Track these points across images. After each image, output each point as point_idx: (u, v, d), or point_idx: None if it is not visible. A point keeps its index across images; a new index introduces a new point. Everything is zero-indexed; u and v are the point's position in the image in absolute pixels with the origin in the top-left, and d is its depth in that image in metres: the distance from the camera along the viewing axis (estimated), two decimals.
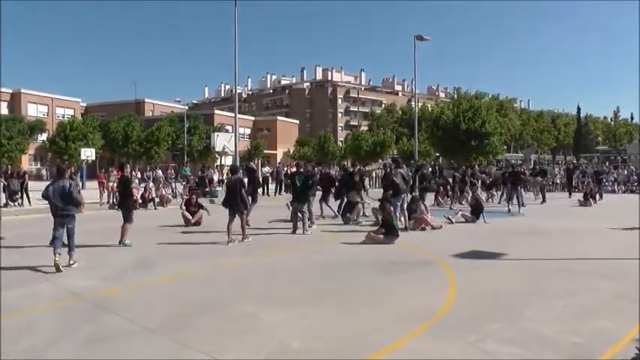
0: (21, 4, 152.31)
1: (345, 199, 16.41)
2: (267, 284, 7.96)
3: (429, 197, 19.85)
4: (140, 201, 21.64)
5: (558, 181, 34.00)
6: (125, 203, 12.09)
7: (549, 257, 9.92)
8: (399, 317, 6.08)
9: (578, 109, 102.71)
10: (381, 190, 15.71)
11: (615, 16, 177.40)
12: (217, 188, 27.46)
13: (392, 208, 12.80)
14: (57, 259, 8.91)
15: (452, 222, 15.41)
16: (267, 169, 32.82)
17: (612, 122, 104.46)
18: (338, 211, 16.70)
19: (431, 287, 7.62)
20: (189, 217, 15.53)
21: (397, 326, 5.73)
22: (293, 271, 9.07)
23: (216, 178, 29.30)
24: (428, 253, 10.37)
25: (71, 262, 9.36)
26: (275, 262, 10.10)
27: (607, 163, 51.98)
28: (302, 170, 14.90)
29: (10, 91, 62.76)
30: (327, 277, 8.47)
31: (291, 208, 14.24)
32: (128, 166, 13.88)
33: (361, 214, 16.25)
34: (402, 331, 5.54)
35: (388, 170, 16.84)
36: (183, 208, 16.04)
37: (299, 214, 13.84)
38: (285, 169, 34.49)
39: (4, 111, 58.17)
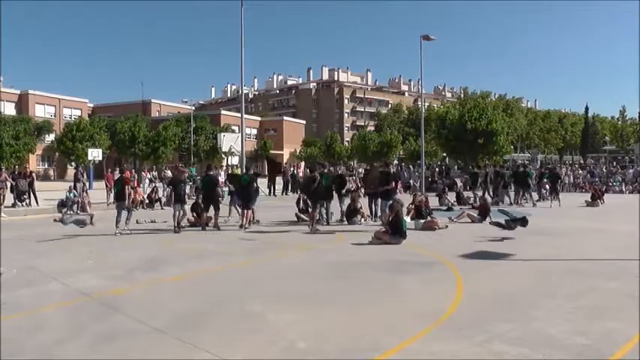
0: (29, 5, 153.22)
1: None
2: (275, 284, 7.96)
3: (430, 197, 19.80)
4: (147, 201, 21.74)
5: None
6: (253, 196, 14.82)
7: (557, 258, 9.87)
8: (407, 317, 6.07)
9: (586, 108, 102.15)
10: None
11: (621, 15, 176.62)
12: (224, 189, 27.43)
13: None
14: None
15: (455, 222, 15.43)
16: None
17: (619, 122, 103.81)
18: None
19: (438, 287, 7.60)
20: (195, 219, 15.55)
21: (404, 326, 5.72)
22: (300, 270, 9.07)
23: (221, 178, 29.27)
24: (435, 254, 10.34)
25: None
26: (282, 261, 10.11)
27: (614, 163, 51.66)
28: (326, 170, 16.08)
29: (18, 92, 63.14)
30: (335, 276, 8.46)
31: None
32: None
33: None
34: (409, 331, 5.53)
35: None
36: (189, 214, 16.01)
37: (321, 211, 15.04)
38: (292, 169, 34.49)
39: (12, 112, 58.49)
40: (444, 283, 7.84)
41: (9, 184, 20.79)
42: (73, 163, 41.96)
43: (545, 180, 24.65)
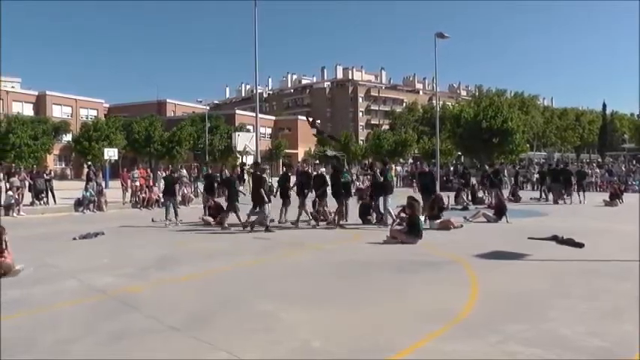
0: (45, 5, 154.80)
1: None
2: (288, 283, 7.98)
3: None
4: (162, 200, 21.82)
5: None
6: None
7: (572, 258, 9.78)
8: (421, 317, 6.05)
9: (604, 105, 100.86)
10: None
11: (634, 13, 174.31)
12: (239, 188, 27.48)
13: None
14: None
15: (470, 221, 15.37)
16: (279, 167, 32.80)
17: (639, 118, 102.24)
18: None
19: (453, 287, 7.56)
20: (210, 219, 15.66)
21: (418, 326, 5.71)
22: (314, 269, 9.07)
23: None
24: (450, 253, 10.29)
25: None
26: (296, 260, 10.13)
27: (634, 162, 50.92)
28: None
29: (36, 93, 63.89)
30: (349, 276, 8.46)
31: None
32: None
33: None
34: (423, 331, 5.52)
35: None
36: (203, 215, 16.19)
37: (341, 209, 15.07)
38: (307, 168, 34.42)
39: (30, 112, 59.18)
40: (458, 283, 7.80)
41: (27, 183, 21.09)
42: (89, 162, 42.40)
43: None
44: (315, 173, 16.39)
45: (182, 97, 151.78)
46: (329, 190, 15.68)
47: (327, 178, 15.90)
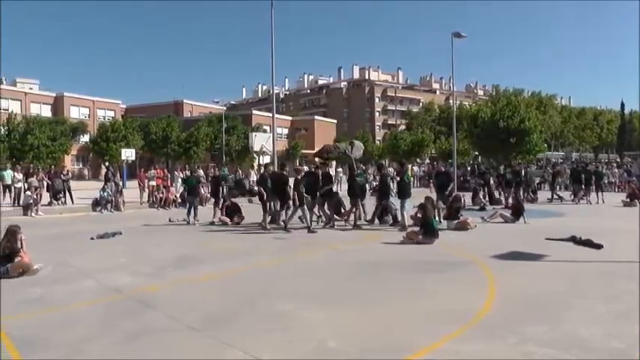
0: (61, 5, 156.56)
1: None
2: (305, 283, 7.98)
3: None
4: (179, 200, 21.97)
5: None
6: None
7: (590, 259, 9.66)
8: (438, 318, 6.01)
9: (622, 104, 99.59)
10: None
11: None
12: (256, 188, 27.48)
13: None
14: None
15: (487, 221, 15.28)
16: (305, 168, 32.79)
17: None
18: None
19: (470, 288, 7.50)
20: (228, 220, 15.72)
21: (436, 327, 5.68)
22: (332, 269, 9.06)
23: (253, 178, 29.39)
24: (467, 254, 10.23)
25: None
26: (314, 260, 10.13)
27: None
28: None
29: (54, 94, 64.62)
30: (366, 276, 8.45)
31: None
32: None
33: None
34: (440, 332, 5.48)
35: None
36: (219, 216, 16.25)
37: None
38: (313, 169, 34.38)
39: (48, 113, 59.84)
40: (476, 284, 7.75)
41: (45, 184, 21.33)
42: (107, 163, 42.76)
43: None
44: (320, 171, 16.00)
45: (199, 97, 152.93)
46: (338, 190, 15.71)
47: (345, 178, 15.92)
